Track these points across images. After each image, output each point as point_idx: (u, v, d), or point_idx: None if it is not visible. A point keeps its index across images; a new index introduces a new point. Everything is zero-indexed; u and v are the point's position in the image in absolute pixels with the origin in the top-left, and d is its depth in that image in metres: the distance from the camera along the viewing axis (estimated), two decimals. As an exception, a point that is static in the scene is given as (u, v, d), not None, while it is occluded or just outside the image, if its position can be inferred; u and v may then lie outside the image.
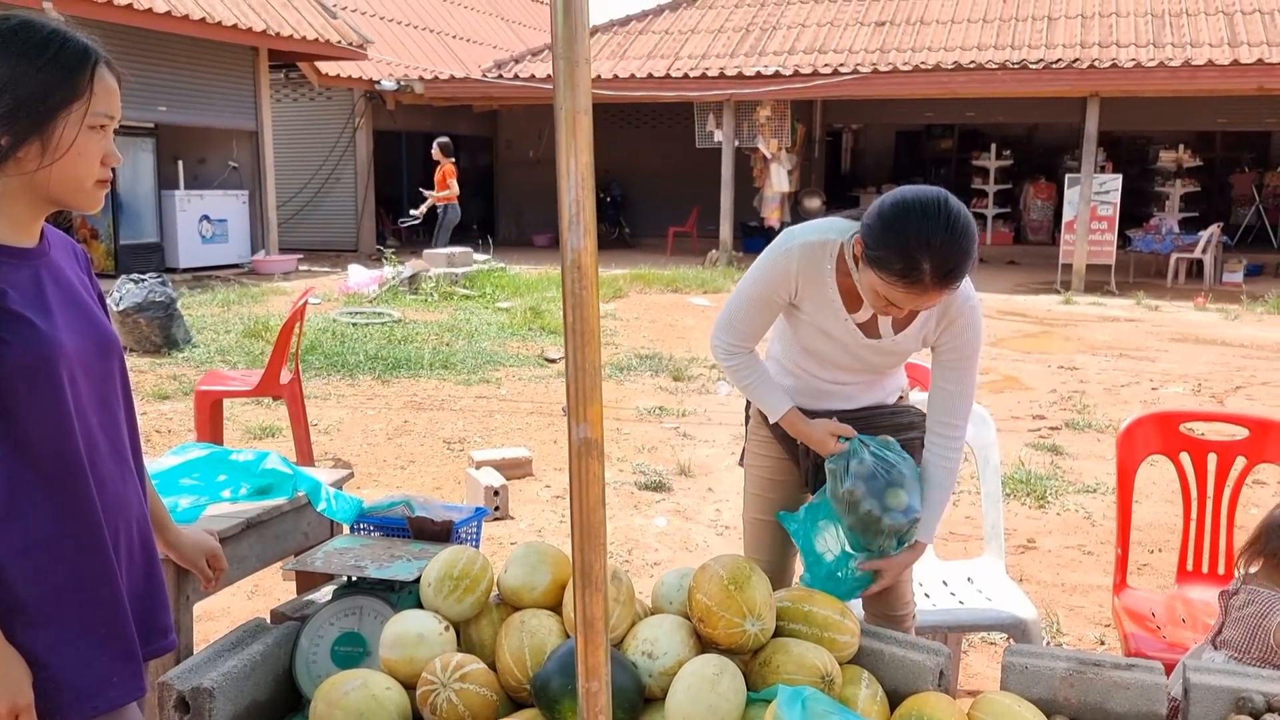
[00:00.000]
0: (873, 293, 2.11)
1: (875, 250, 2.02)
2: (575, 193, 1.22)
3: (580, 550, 1.30)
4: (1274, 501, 4.95)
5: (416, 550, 2.46)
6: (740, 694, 1.96)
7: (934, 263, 1.95)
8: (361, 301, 10.98)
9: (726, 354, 2.38)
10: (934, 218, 1.96)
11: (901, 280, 1.99)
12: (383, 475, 5.31)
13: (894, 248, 1.98)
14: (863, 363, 2.35)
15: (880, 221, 2.02)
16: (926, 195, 2.00)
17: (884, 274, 2.01)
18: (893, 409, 2.45)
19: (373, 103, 17.42)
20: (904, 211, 1.99)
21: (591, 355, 1.24)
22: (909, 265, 1.97)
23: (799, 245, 2.21)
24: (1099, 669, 2.15)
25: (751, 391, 2.39)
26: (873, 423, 2.38)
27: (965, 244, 1.98)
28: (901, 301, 2.05)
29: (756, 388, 2.37)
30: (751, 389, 2.38)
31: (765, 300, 2.28)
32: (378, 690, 2.06)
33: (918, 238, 1.95)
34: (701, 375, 7.86)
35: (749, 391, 2.40)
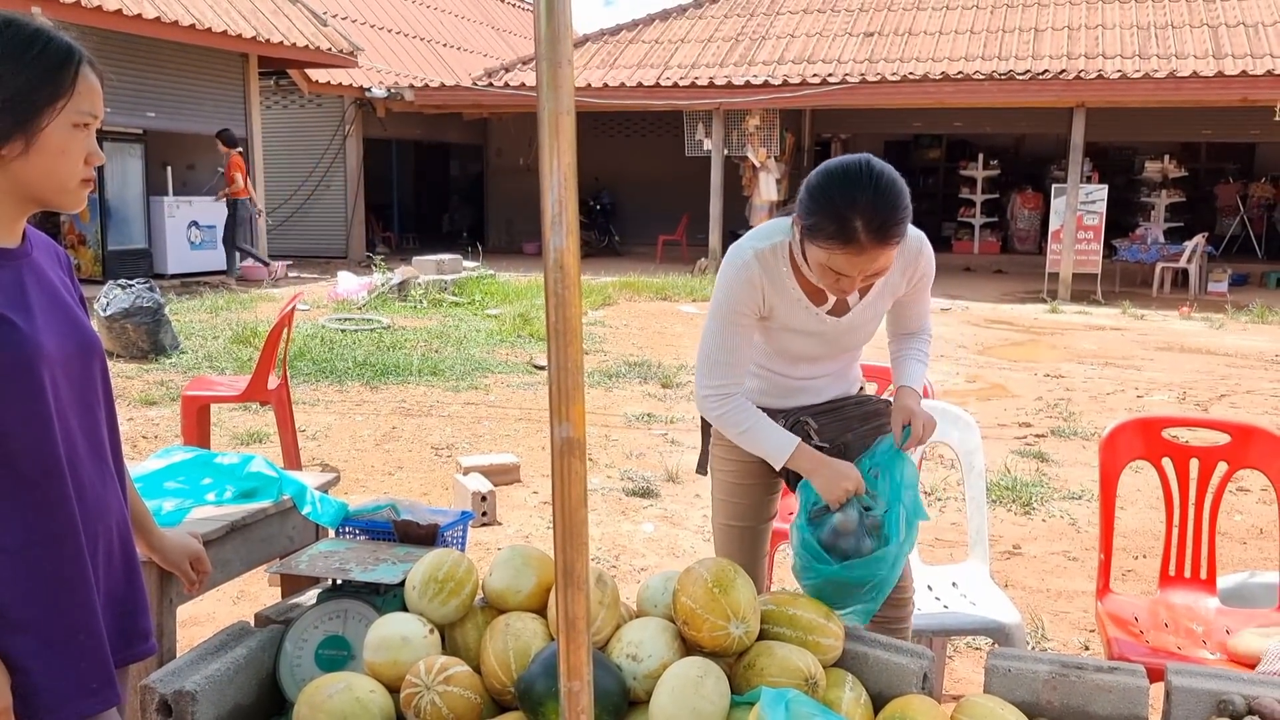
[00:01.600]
0: (820, 270, 2.10)
1: (808, 219, 2.04)
2: (558, 193, 1.23)
3: (562, 550, 1.31)
4: (1257, 508, 5.00)
5: (402, 554, 2.46)
6: (724, 696, 1.97)
7: (865, 219, 1.97)
8: (351, 308, 10.96)
9: (718, 402, 2.25)
10: (857, 177, 2.00)
11: (838, 243, 2.00)
12: (370, 481, 5.30)
13: (823, 212, 2.00)
14: (839, 346, 2.35)
15: (808, 192, 2.06)
16: (849, 159, 2.05)
17: (821, 242, 2.03)
18: (858, 399, 2.46)
19: (363, 110, 17.42)
20: (827, 177, 2.04)
21: (574, 354, 1.25)
22: (841, 225, 1.98)
23: (753, 255, 2.19)
24: (1081, 672, 2.16)
25: (750, 437, 2.26)
26: (843, 413, 2.38)
27: (893, 197, 2.00)
28: (846, 268, 2.04)
29: (755, 432, 2.25)
30: (750, 435, 2.25)
31: (739, 324, 2.22)
32: (361, 693, 2.06)
33: (843, 196, 1.99)
34: (689, 383, 7.86)
35: (747, 438, 2.26)
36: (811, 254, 2.09)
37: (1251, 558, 4.38)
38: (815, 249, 2.06)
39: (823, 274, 2.10)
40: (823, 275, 2.10)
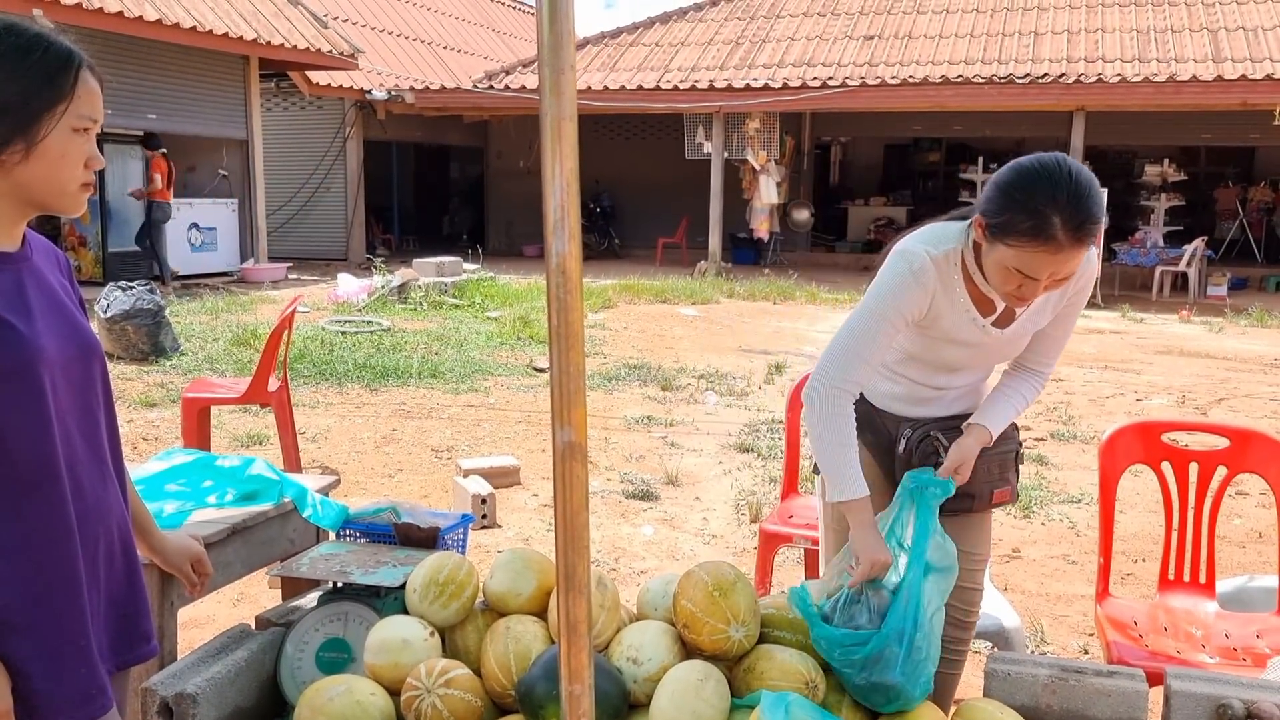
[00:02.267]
0: (1002, 272, 1.98)
1: (998, 216, 1.94)
2: (560, 198, 1.24)
3: (564, 553, 1.31)
4: (1256, 512, 5.00)
5: (402, 556, 2.47)
6: (724, 700, 1.97)
7: (1064, 215, 1.88)
8: (351, 310, 10.96)
9: (833, 398, 2.09)
10: (1055, 172, 1.91)
11: (1032, 240, 1.90)
12: (370, 483, 5.30)
13: (1020, 208, 1.91)
14: (987, 360, 2.28)
15: (999, 189, 1.97)
16: (1042, 157, 1.97)
17: (1013, 239, 1.92)
18: None
19: (363, 112, 17.43)
20: (1023, 174, 1.95)
21: (575, 359, 1.26)
22: (1038, 221, 1.89)
23: (930, 261, 2.08)
24: (1081, 676, 2.16)
25: (832, 452, 2.08)
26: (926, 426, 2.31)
27: (1093, 194, 1.92)
28: (1036, 269, 1.93)
29: (843, 451, 2.08)
30: (833, 449, 2.09)
31: (892, 325, 2.10)
32: (362, 696, 2.06)
33: (1043, 191, 1.90)
34: (690, 385, 7.87)
35: (828, 448, 2.09)
36: (997, 255, 1.98)
37: (1251, 561, 4.38)
38: (1003, 249, 1.95)
39: (1005, 278, 1.99)
40: (1005, 279, 1.99)
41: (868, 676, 2.01)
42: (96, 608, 1.60)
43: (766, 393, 7.72)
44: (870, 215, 19.45)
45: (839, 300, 13.08)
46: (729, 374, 8.33)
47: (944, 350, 2.21)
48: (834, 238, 19.58)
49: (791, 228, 18.09)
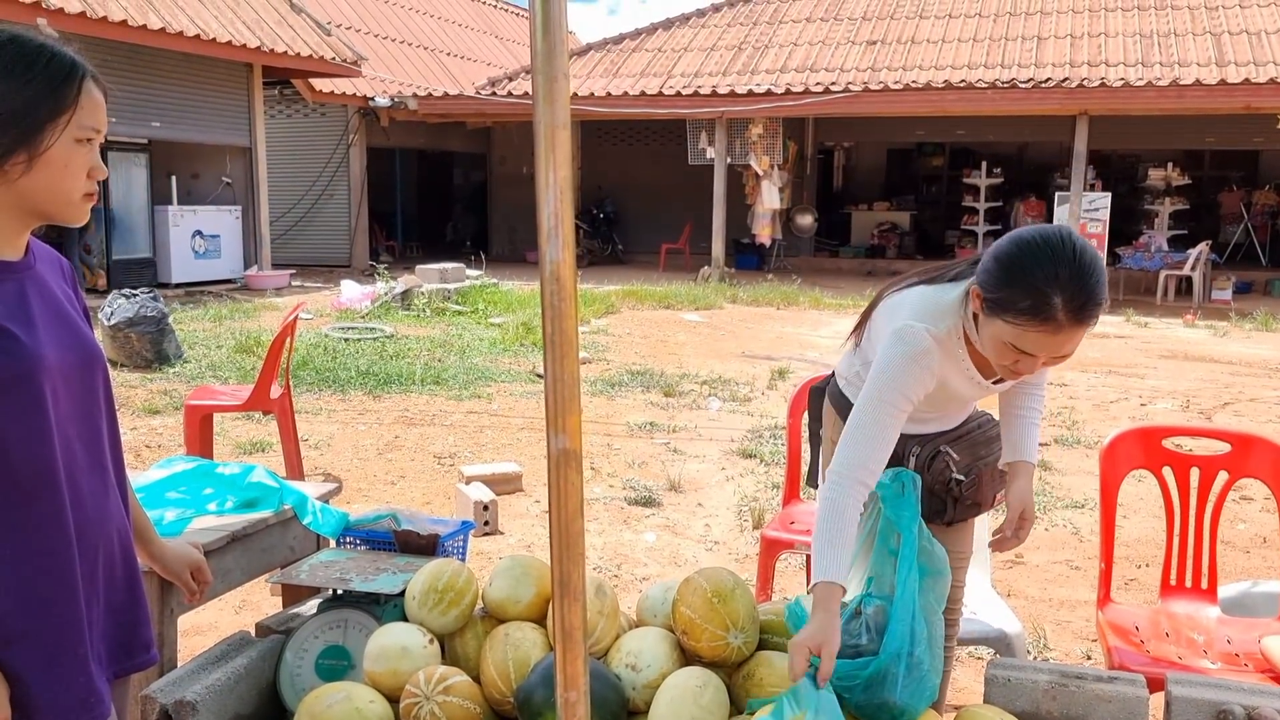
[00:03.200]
0: (998, 347, 1.92)
1: (997, 292, 1.87)
2: (554, 205, 1.24)
3: (559, 560, 1.31)
4: (1260, 517, 4.99)
5: (402, 563, 2.47)
6: (723, 706, 1.97)
7: (1065, 296, 1.80)
8: (354, 317, 10.98)
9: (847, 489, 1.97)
10: (1059, 249, 1.83)
11: (1031, 320, 1.82)
12: (373, 490, 5.30)
13: (1019, 285, 1.83)
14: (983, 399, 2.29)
15: (998, 263, 1.89)
16: (1045, 229, 1.88)
17: (1011, 317, 1.84)
18: (977, 423, 2.38)
19: (366, 119, 17.47)
20: (1023, 247, 1.86)
21: (570, 366, 1.26)
22: (1037, 301, 1.81)
23: (932, 341, 2.01)
24: (1081, 682, 2.16)
25: (828, 539, 1.95)
26: (970, 439, 2.32)
27: (1097, 274, 1.83)
28: (1034, 348, 1.86)
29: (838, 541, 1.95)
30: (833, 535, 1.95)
31: (904, 408, 2.02)
32: (361, 703, 2.06)
33: (1044, 270, 1.81)
34: (693, 391, 7.87)
35: (830, 536, 1.95)
36: (993, 329, 1.90)
37: (1254, 566, 4.37)
38: (1000, 324, 1.88)
39: (1001, 352, 1.92)
40: (1001, 354, 1.93)
41: (869, 698, 2.01)
42: (96, 616, 1.60)
43: (770, 398, 7.71)
44: (874, 220, 19.45)
45: (842, 305, 13.08)
46: (732, 380, 8.33)
47: (942, 397, 2.19)
48: (837, 243, 19.58)
49: (795, 233, 18.10)
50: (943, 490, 2.29)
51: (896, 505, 2.08)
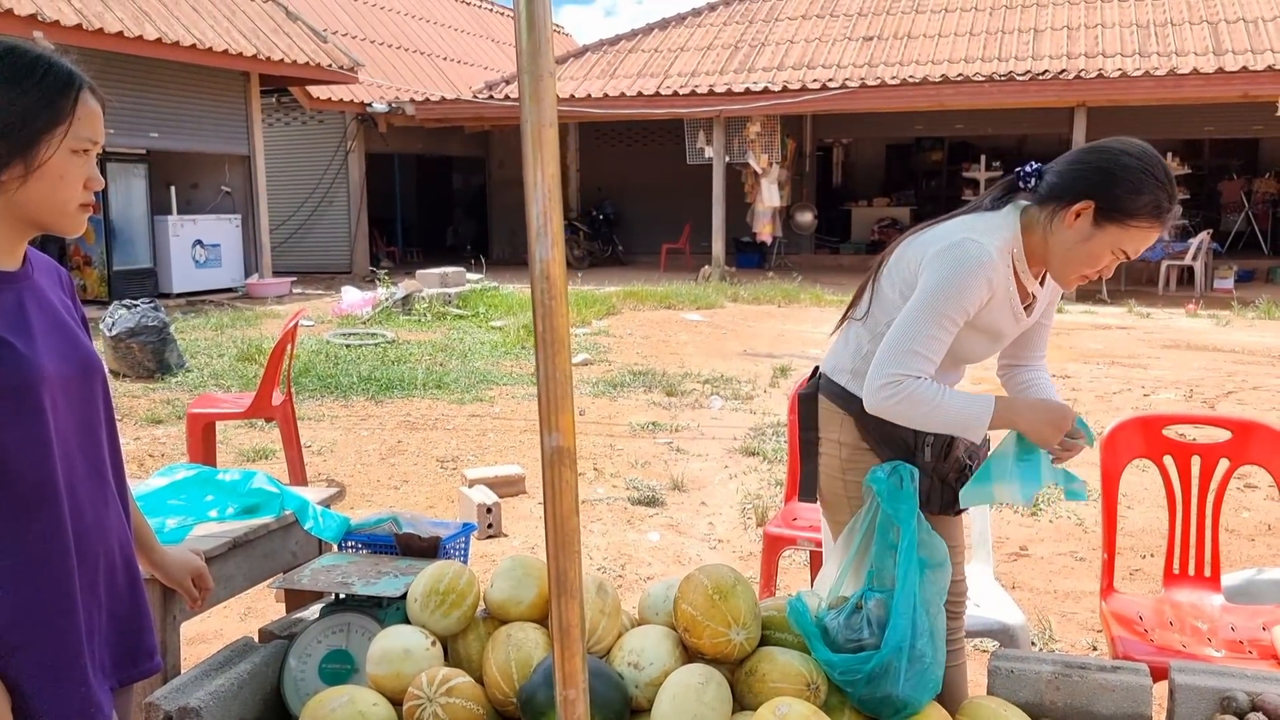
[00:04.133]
0: (1095, 254, 2.02)
1: (1135, 199, 1.97)
2: (542, 204, 1.24)
3: (555, 558, 1.32)
4: (1265, 505, 4.98)
5: (404, 566, 2.47)
6: (725, 703, 1.97)
7: (1171, 195, 2.00)
8: (355, 323, 10.99)
9: (895, 388, 2.02)
10: (1158, 157, 2.02)
11: (1155, 221, 1.98)
12: (376, 495, 5.31)
13: (1154, 190, 1.97)
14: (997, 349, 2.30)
15: (1125, 171, 1.99)
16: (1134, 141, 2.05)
17: (1133, 220, 1.97)
18: None
19: (364, 125, 17.49)
20: (1143, 156, 2.00)
21: (562, 364, 1.26)
22: (1164, 203, 1.98)
23: (995, 253, 2.03)
24: (1085, 672, 2.16)
25: (941, 413, 2.02)
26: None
27: None
28: (1134, 247, 2.01)
29: (947, 403, 2.02)
30: (941, 409, 2.02)
31: (955, 321, 2.04)
32: (364, 706, 2.06)
33: (1165, 174, 1.99)
34: (695, 390, 7.87)
35: (938, 414, 2.02)
36: (1103, 237, 2.00)
37: (1260, 554, 4.36)
38: (1113, 230, 1.99)
39: (1096, 257, 2.03)
40: (1095, 259, 2.03)
41: (872, 691, 2.01)
42: (97, 625, 1.60)
43: (772, 396, 7.71)
44: (874, 216, 19.44)
45: (844, 302, 12.97)
46: (734, 378, 8.33)
47: (967, 340, 2.16)
48: (837, 239, 19.57)
49: (795, 230, 18.09)
50: (955, 480, 2.27)
51: (894, 499, 2.08)
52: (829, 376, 2.30)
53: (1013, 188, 2.14)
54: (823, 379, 2.32)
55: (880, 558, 2.12)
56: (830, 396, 2.28)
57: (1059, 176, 2.05)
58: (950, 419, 2.05)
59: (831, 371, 2.30)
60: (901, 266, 2.16)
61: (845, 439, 2.24)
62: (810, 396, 2.32)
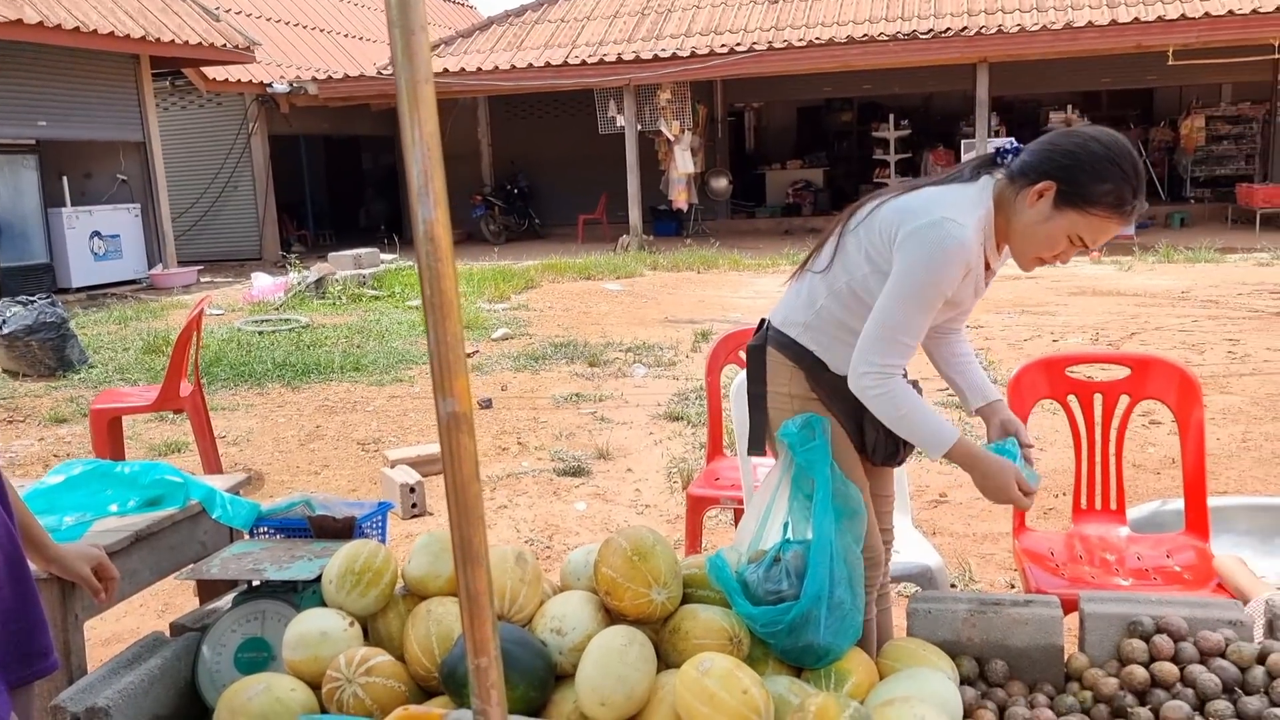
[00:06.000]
0: (1056, 238, 2.02)
1: (1099, 186, 1.96)
2: (422, 164, 1.20)
3: (458, 526, 1.29)
4: (1170, 440, 5.16)
5: (318, 549, 2.42)
6: (650, 663, 1.97)
7: (1137, 190, 1.99)
8: (267, 309, 10.72)
9: (880, 380, 2.05)
10: (1129, 149, 2.00)
11: (1119, 212, 1.98)
12: (296, 482, 5.20)
13: (1108, 179, 1.96)
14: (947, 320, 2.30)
15: (1092, 158, 1.97)
16: (1106, 131, 2.03)
17: (1093, 208, 1.97)
18: None
19: (265, 106, 16.99)
20: (1112, 146, 1.99)
21: (452, 328, 1.22)
22: (1128, 195, 1.97)
23: (971, 233, 2.01)
24: (999, 608, 2.21)
25: (909, 421, 2.08)
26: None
27: None
28: (1096, 236, 2.01)
29: (916, 415, 2.07)
30: (909, 418, 2.08)
31: (936, 305, 2.04)
32: (282, 693, 2.02)
33: (1133, 167, 1.98)
34: (617, 360, 7.86)
35: (906, 422, 2.08)
36: (1063, 220, 1.99)
37: (1165, 487, 4.52)
38: (1073, 215, 1.98)
39: (1054, 241, 2.03)
40: (1053, 243, 2.03)
41: (794, 641, 2.03)
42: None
43: (694, 361, 7.74)
44: (788, 179, 19.58)
45: (761, 265, 13.17)
46: (656, 345, 8.33)
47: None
48: (753, 204, 19.68)
49: (710, 196, 18.13)
50: None
51: (807, 451, 2.09)
52: (779, 328, 2.25)
53: (991, 162, 2.12)
54: (771, 330, 2.26)
55: (796, 510, 2.14)
56: (780, 348, 2.23)
57: (1030, 155, 2.05)
58: (916, 430, 2.09)
59: (782, 324, 2.24)
60: (873, 230, 2.09)
61: (796, 391, 2.22)
62: (758, 349, 2.27)
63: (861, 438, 2.21)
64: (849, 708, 1.67)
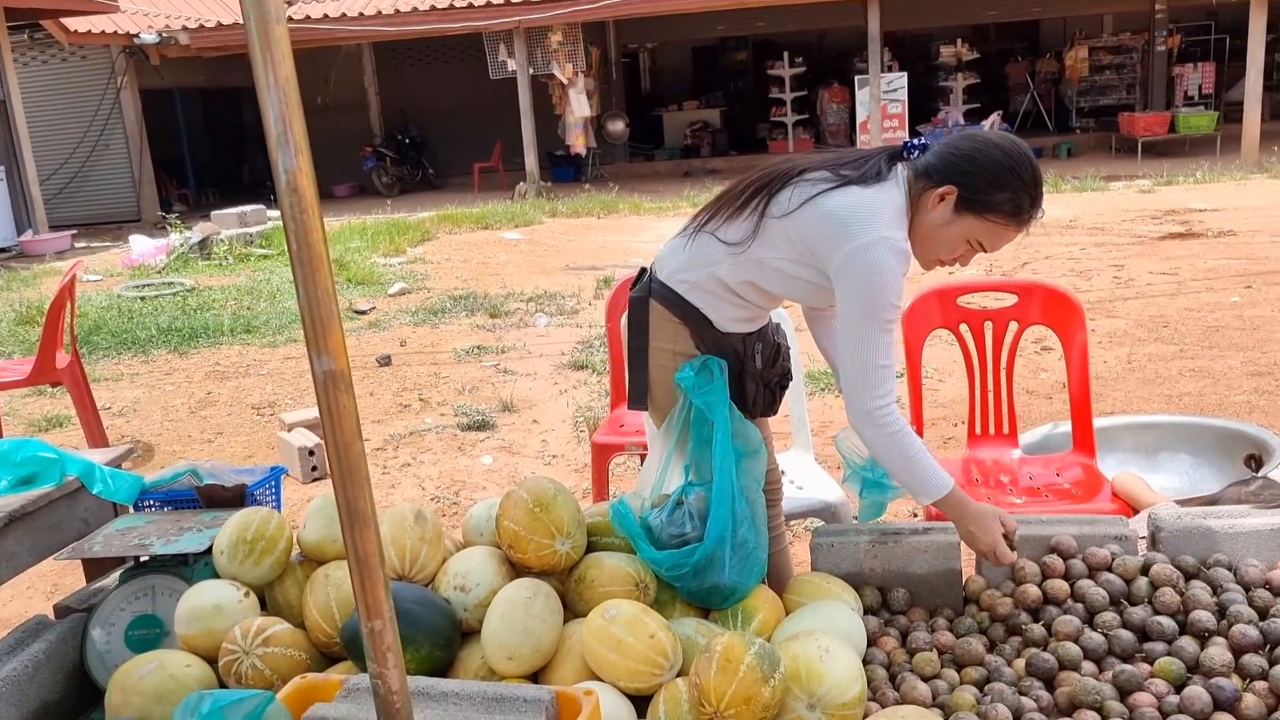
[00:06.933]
0: (956, 241, 2.03)
1: (997, 194, 1.96)
2: (279, 109, 1.13)
3: (342, 488, 1.24)
4: (1060, 365, 5.33)
5: (208, 519, 2.33)
6: (556, 614, 1.95)
7: (1035, 199, 2.00)
8: (149, 273, 10.28)
9: (891, 415, 2.00)
10: (1029, 159, 2.00)
11: (1009, 219, 1.98)
12: (188, 451, 5.02)
13: (1006, 188, 1.96)
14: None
15: (995, 166, 1.97)
16: (1010, 138, 2.02)
17: (991, 215, 1.98)
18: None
19: (135, 59, 16.12)
20: (1016, 155, 1.98)
21: (323, 282, 1.16)
22: (1019, 203, 1.97)
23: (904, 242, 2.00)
24: (899, 537, 2.25)
25: (912, 465, 2.03)
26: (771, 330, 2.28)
27: None
28: (995, 242, 2.02)
29: (919, 459, 2.03)
30: (914, 461, 2.03)
31: (895, 317, 2.01)
32: (176, 669, 1.95)
33: (1034, 176, 1.98)
34: (519, 310, 7.76)
35: (909, 464, 2.03)
36: (963, 225, 2.00)
37: (1058, 410, 4.67)
38: (972, 221, 1.99)
39: (953, 245, 2.04)
40: (952, 246, 2.05)
41: (699, 583, 2.03)
42: None
43: (597, 308, 7.69)
44: (685, 120, 19.49)
45: (662, 208, 13.12)
46: (558, 294, 8.26)
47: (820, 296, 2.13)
48: (652, 146, 19.56)
49: (608, 140, 17.96)
50: (777, 383, 2.29)
51: (705, 392, 2.08)
52: (665, 281, 2.15)
53: (898, 155, 2.07)
54: (655, 282, 2.17)
55: (697, 452, 2.13)
56: (665, 303, 2.15)
57: (934, 156, 2.03)
58: (916, 473, 2.04)
59: (668, 276, 2.15)
60: (803, 228, 2.01)
61: (679, 348, 2.16)
62: (641, 300, 2.18)
63: (742, 394, 2.19)
64: (754, 645, 1.68)
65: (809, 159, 2.10)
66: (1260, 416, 4.38)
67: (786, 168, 2.09)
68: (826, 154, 2.11)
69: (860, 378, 2.00)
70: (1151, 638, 1.96)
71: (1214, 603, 1.99)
